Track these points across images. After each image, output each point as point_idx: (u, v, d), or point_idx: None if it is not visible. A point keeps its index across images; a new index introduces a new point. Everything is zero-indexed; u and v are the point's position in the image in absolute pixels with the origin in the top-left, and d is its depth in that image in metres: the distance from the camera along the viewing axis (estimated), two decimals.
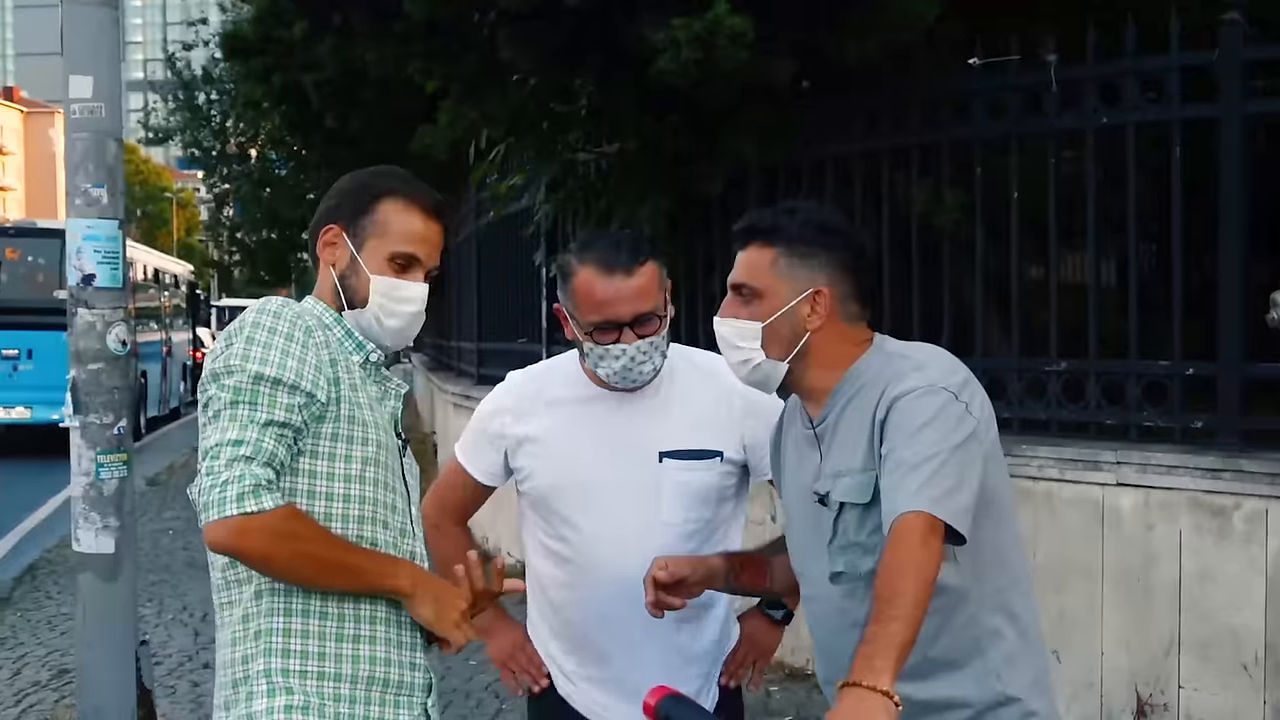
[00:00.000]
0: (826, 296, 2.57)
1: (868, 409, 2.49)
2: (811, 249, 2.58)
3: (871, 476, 2.45)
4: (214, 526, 2.37)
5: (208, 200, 37.15)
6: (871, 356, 2.60)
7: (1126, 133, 5.96)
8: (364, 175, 2.74)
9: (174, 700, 6.97)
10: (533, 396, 3.15)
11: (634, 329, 2.95)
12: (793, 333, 2.58)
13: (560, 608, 3.15)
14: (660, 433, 3.06)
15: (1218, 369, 5.67)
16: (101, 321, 5.36)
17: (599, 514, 3.05)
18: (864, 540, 2.49)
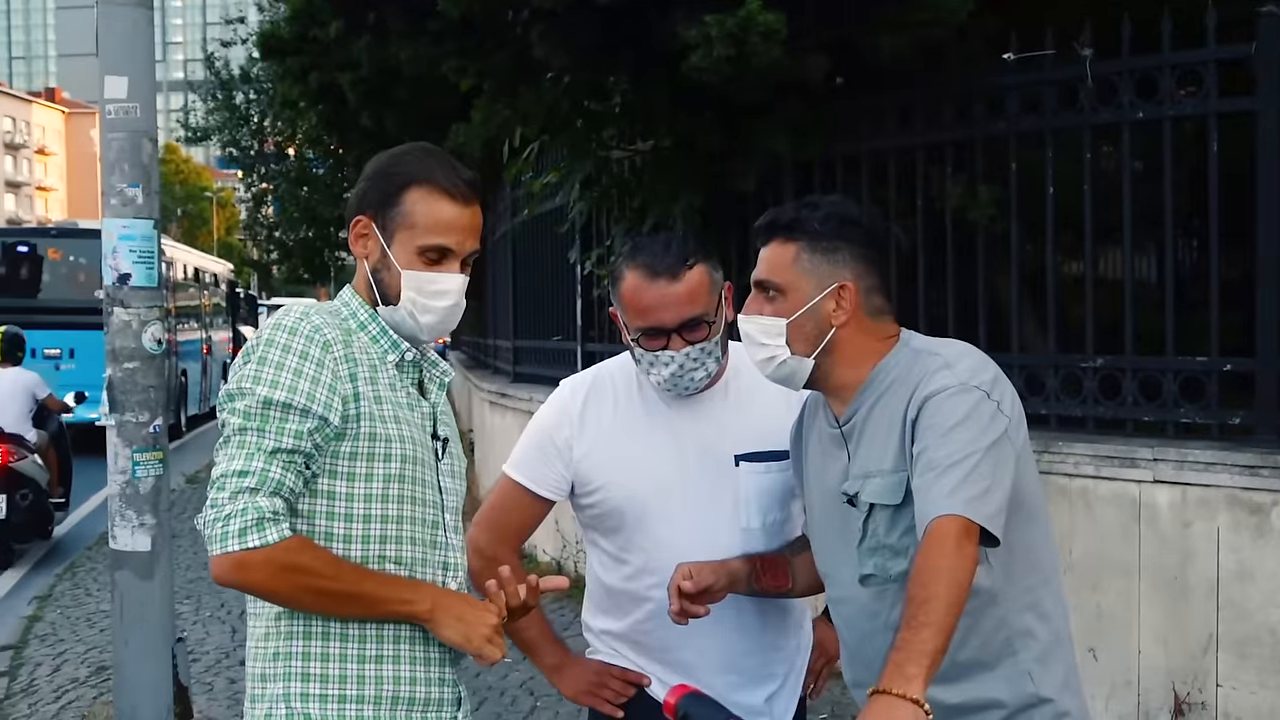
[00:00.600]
0: (851, 291, 2.54)
1: (897, 408, 2.46)
2: (834, 243, 2.56)
3: (903, 478, 2.43)
4: (217, 560, 2.34)
5: (246, 199, 37.32)
6: (899, 353, 2.56)
7: (1163, 127, 5.92)
8: (389, 159, 2.61)
9: (211, 697, 7.01)
10: (596, 404, 3.04)
11: (682, 335, 2.88)
12: (817, 329, 2.55)
13: (640, 622, 3.02)
14: (733, 435, 2.98)
15: (1256, 365, 5.62)
16: (137, 320, 5.40)
17: (678, 523, 2.94)
18: (895, 542, 2.46)
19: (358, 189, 2.62)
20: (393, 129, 13.14)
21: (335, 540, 2.44)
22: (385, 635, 2.48)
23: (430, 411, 2.62)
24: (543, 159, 9.75)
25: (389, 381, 2.54)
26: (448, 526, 2.60)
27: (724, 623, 2.93)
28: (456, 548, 2.63)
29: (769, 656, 3.04)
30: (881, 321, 2.60)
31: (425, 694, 2.52)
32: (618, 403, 3.03)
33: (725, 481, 2.95)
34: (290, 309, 2.54)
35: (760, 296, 2.61)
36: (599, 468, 2.98)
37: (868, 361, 2.57)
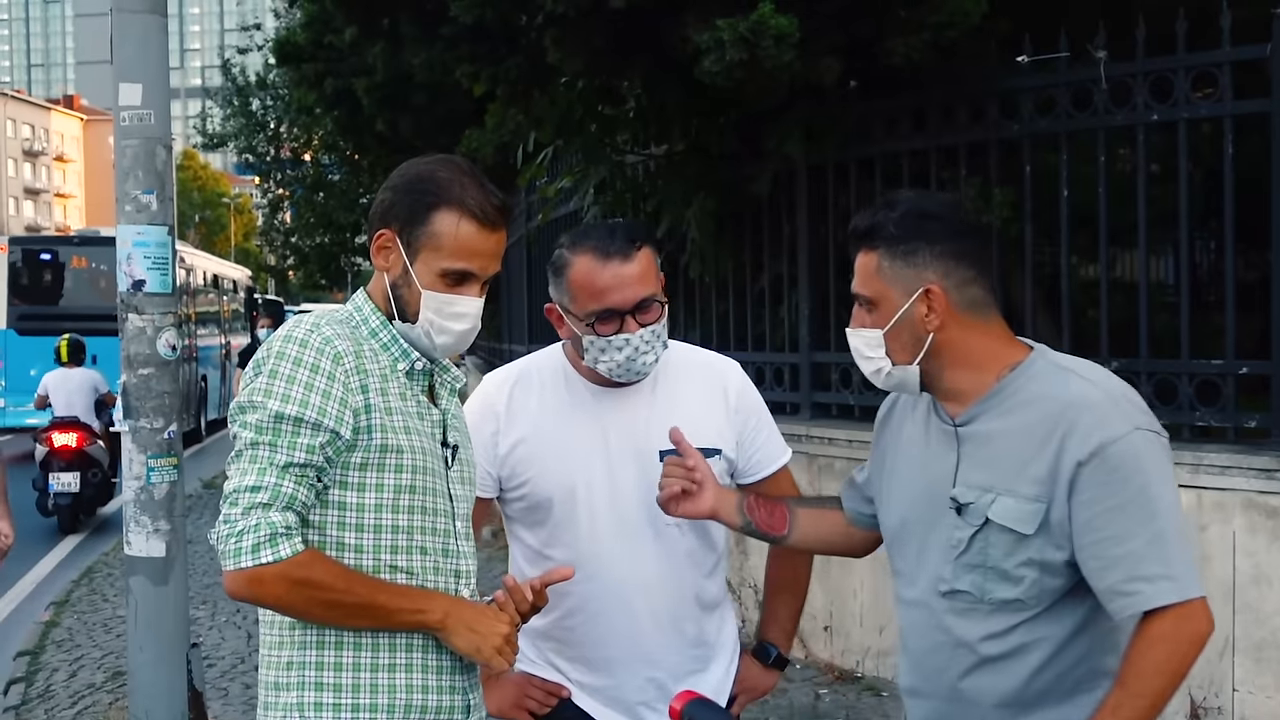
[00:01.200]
0: (938, 293, 2.43)
1: (1049, 436, 2.34)
2: (913, 244, 2.45)
3: (1041, 509, 2.34)
4: (231, 576, 2.35)
5: (263, 205, 37.42)
6: (1035, 366, 2.45)
7: (1178, 128, 5.89)
8: (421, 175, 2.55)
9: (226, 702, 7.02)
10: (521, 397, 3.03)
11: (635, 317, 2.86)
12: (914, 337, 2.46)
13: (562, 617, 2.99)
14: (658, 430, 2.93)
15: (1272, 367, 5.59)
16: (151, 327, 5.41)
17: (601, 516, 2.94)
18: (1010, 569, 2.38)
19: (384, 198, 2.57)
20: (407, 134, 13.17)
21: (346, 550, 2.44)
22: (398, 644, 2.48)
23: (440, 419, 2.61)
24: (557, 164, 9.76)
25: (399, 390, 2.53)
26: (459, 534, 2.60)
27: (644, 620, 2.93)
28: (468, 555, 2.62)
29: (690, 653, 3.02)
30: (987, 316, 2.48)
31: (437, 702, 2.52)
32: (544, 395, 3.01)
33: (650, 476, 2.90)
34: (301, 320, 2.52)
35: (859, 309, 2.54)
36: (526, 460, 2.96)
37: (990, 366, 2.46)
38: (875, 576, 6.77)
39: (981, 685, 2.43)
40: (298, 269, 37.20)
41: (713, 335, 8.43)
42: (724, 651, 3.14)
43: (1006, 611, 2.39)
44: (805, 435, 7.31)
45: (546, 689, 3.03)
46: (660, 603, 2.96)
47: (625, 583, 2.92)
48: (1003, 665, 2.40)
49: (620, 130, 8.66)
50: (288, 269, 38.76)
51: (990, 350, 2.47)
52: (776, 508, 2.91)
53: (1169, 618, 2.25)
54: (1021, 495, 2.35)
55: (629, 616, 2.93)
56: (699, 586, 3.03)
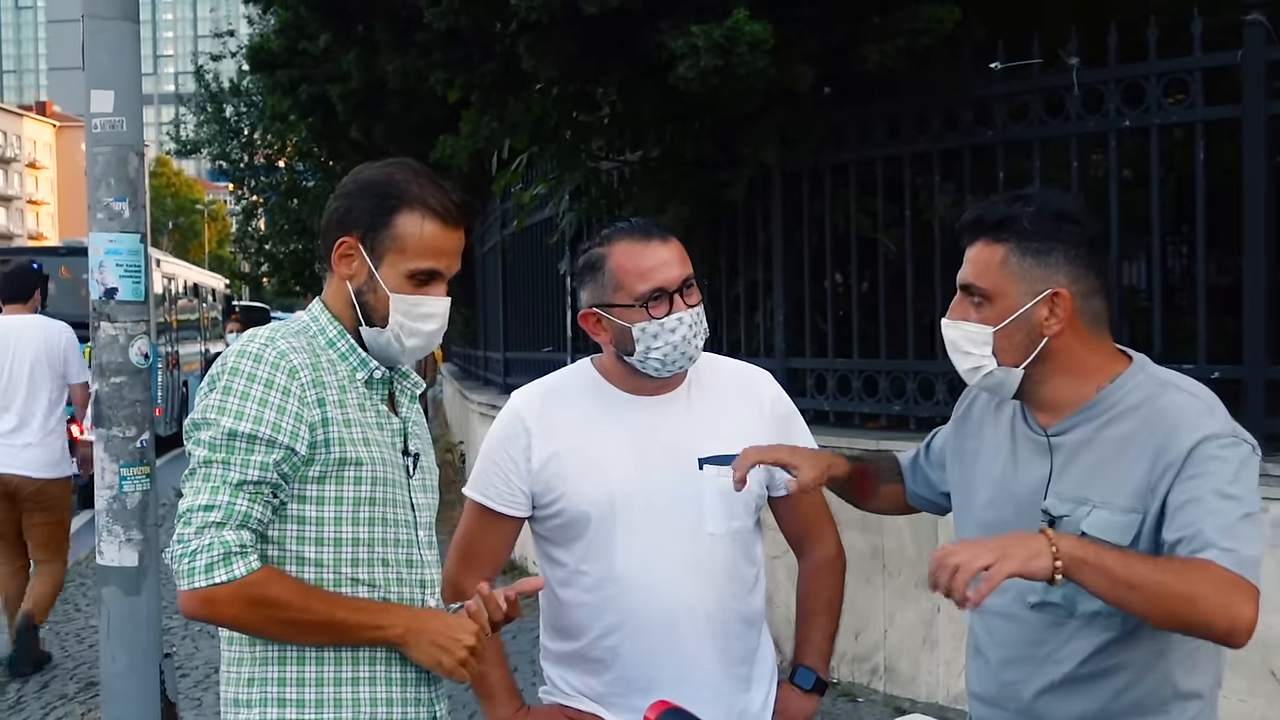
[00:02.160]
0: (1066, 298, 2.34)
1: (1144, 441, 2.28)
2: (1048, 243, 2.35)
3: (1136, 520, 2.28)
4: (185, 596, 2.33)
5: (237, 212, 37.29)
6: (1136, 376, 2.39)
7: (1150, 135, 5.93)
8: (378, 179, 2.53)
9: (200, 713, 6.98)
10: (551, 412, 2.95)
11: (683, 297, 2.83)
12: (1028, 338, 2.36)
13: (600, 637, 2.90)
14: (696, 437, 2.88)
15: (1244, 371, 5.62)
16: (124, 335, 5.37)
17: (641, 529, 2.85)
18: None
19: (340, 205, 2.54)
20: (382, 140, 13.12)
21: (307, 564, 2.42)
22: (360, 657, 2.45)
23: (401, 427, 2.59)
24: (531, 170, 9.75)
25: (358, 401, 2.50)
26: (422, 543, 2.58)
27: (687, 636, 2.86)
28: (432, 564, 2.60)
29: (734, 671, 2.95)
30: (1100, 331, 2.40)
31: (402, 714, 2.50)
32: (577, 407, 2.95)
33: (689, 484, 2.85)
34: (256, 333, 2.48)
35: (965, 301, 2.42)
36: (560, 475, 2.89)
37: (1091, 376, 2.39)
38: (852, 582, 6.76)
39: (1059, 703, 2.38)
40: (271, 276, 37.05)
41: None
42: (765, 670, 3.06)
43: (1094, 628, 2.33)
44: None
45: (581, 719, 2.95)
46: (703, 618, 2.88)
47: (667, 597, 2.84)
48: (1086, 685, 2.34)
49: (595, 137, 8.66)
50: (261, 276, 38.60)
51: (1096, 362, 2.40)
52: (870, 477, 2.91)
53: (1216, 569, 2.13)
54: (1117, 507, 2.29)
55: (671, 632, 2.85)
56: (741, 601, 2.96)
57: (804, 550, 3.14)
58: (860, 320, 7.33)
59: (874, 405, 7.11)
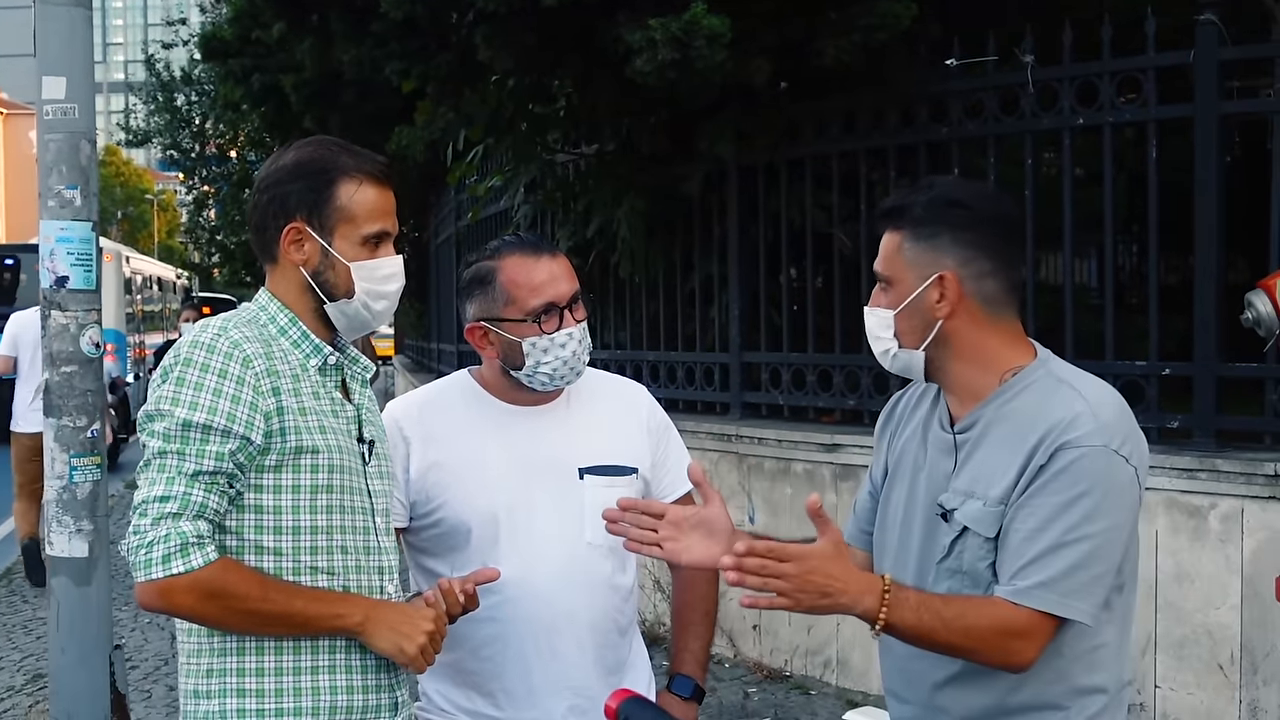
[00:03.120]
0: (952, 280, 2.36)
1: (1023, 442, 2.30)
2: (935, 228, 2.39)
3: (1001, 511, 2.32)
4: (142, 587, 2.31)
5: (188, 202, 37.01)
6: (1034, 373, 2.40)
7: (1103, 133, 5.97)
8: (304, 160, 2.54)
9: (149, 705, 6.93)
10: (430, 421, 2.93)
11: (572, 312, 2.85)
12: (924, 321, 2.40)
13: (478, 647, 2.87)
14: (576, 447, 2.89)
15: (1194, 369, 5.67)
16: (75, 324, 5.31)
17: (522, 539, 2.84)
18: (980, 572, 2.35)
19: (273, 196, 2.53)
20: (336, 131, 13.03)
21: (265, 553, 2.41)
22: (320, 646, 2.45)
23: (355, 414, 2.59)
24: (487, 162, 9.73)
25: (312, 389, 2.50)
26: (379, 530, 2.58)
27: (568, 645, 2.86)
28: (390, 550, 2.61)
29: (610, 680, 2.91)
30: (1000, 313, 2.41)
31: (363, 702, 2.50)
32: (457, 417, 2.94)
33: (570, 495, 2.84)
34: (208, 324, 2.48)
35: (878, 288, 2.48)
36: (440, 484, 2.87)
37: (993, 364, 2.41)
38: None
39: (959, 696, 2.40)
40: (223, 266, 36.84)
41: (643, 335, 8.43)
42: (641, 678, 3.06)
43: None
44: (735, 435, 7.33)
45: None
46: (583, 628, 2.88)
47: (548, 608, 2.84)
48: (982, 679, 2.36)
49: (551, 129, 8.65)
50: (212, 266, 38.36)
51: (995, 349, 2.41)
52: None
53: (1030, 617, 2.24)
54: (991, 499, 2.33)
55: (552, 641, 2.84)
56: (618, 610, 2.96)
57: None
58: (815, 315, 7.36)
59: (828, 400, 7.14)
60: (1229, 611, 5.31)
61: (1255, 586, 5.20)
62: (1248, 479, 5.25)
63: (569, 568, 2.85)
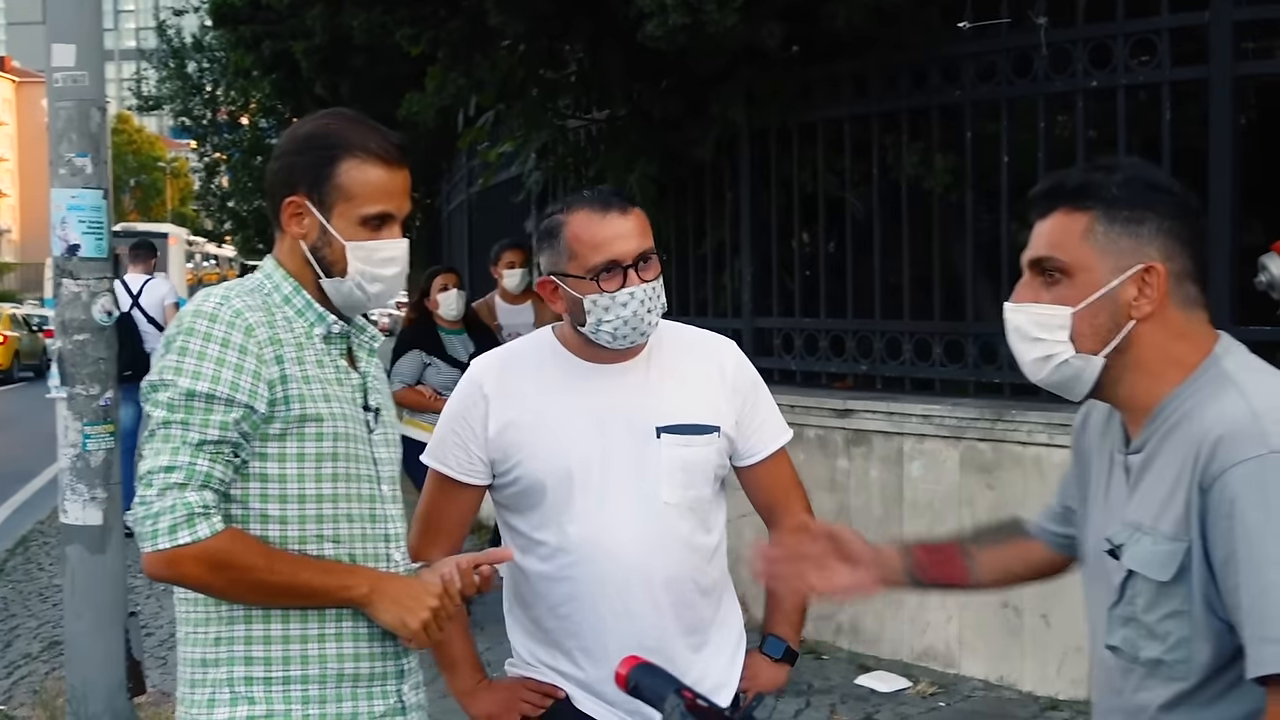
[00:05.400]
0: (1160, 274, 2.01)
1: (1187, 455, 1.96)
2: (1140, 213, 2.03)
3: (1180, 549, 1.96)
4: (149, 558, 2.31)
5: (199, 169, 36.99)
6: (1204, 374, 2.04)
7: (1117, 95, 5.93)
8: (314, 133, 2.53)
9: (165, 671, 6.96)
10: (509, 379, 2.92)
11: (638, 272, 2.79)
12: (1113, 321, 2.04)
13: (555, 605, 2.89)
14: (655, 407, 2.86)
15: None
16: (87, 292, 5.32)
17: (597, 495, 2.82)
18: (1153, 623, 2.01)
19: (281, 166, 2.54)
20: (346, 97, 13.03)
21: (271, 522, 2.41)
22: (327, 614, 2.45)
23: (360, 382, 2.58)
24: (498, 128, 9.70)
25: (316, 358, 2.49)
26: (385, 497, 2.57)
27: (643, 605, 2.85)
28: (396, 517, 2.60)
29: (689, 640, 2.92)
30: (1194, 318, 2.07)
31: (370, 669, 2.50)
32: (534, 375, 2.92)
33: (647, 454, 2.83)
34: (211, 293, 2.47)
35: (1035, 280, 2.10)
36: (517, 442, 2.86)
37: (1171, 374, 2.05)
38: None
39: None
40: (235, 233, 36.84)
41: None
42: (727, 638, 3.03)
43: (1158, 678, 2.03)
44: None
45: (542, 690, 2.92)
46: (659, 587, 2.86)
47: (622, 566, 2.81)
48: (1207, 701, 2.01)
49: (562, 95, 8.61)
50: (225, 234, 38.37)
51: (1180, 357, 2.05)
52: (946, 555, 2.49)
53: (1273, 696, 1.84)
54: (1161, 534, 1.99)
55: (626, 601, 2.83)
56: (698, 570, 2.93)
57: (774, 520, 3.10)
58: (827, 279, 7.34)
59: (840, 365, 7.13)
60: None
61: None
62: None
63: (644, 527, 2.83)
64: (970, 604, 6.20)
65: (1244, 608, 1.85)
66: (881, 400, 6.63)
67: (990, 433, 6.06)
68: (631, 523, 2.83)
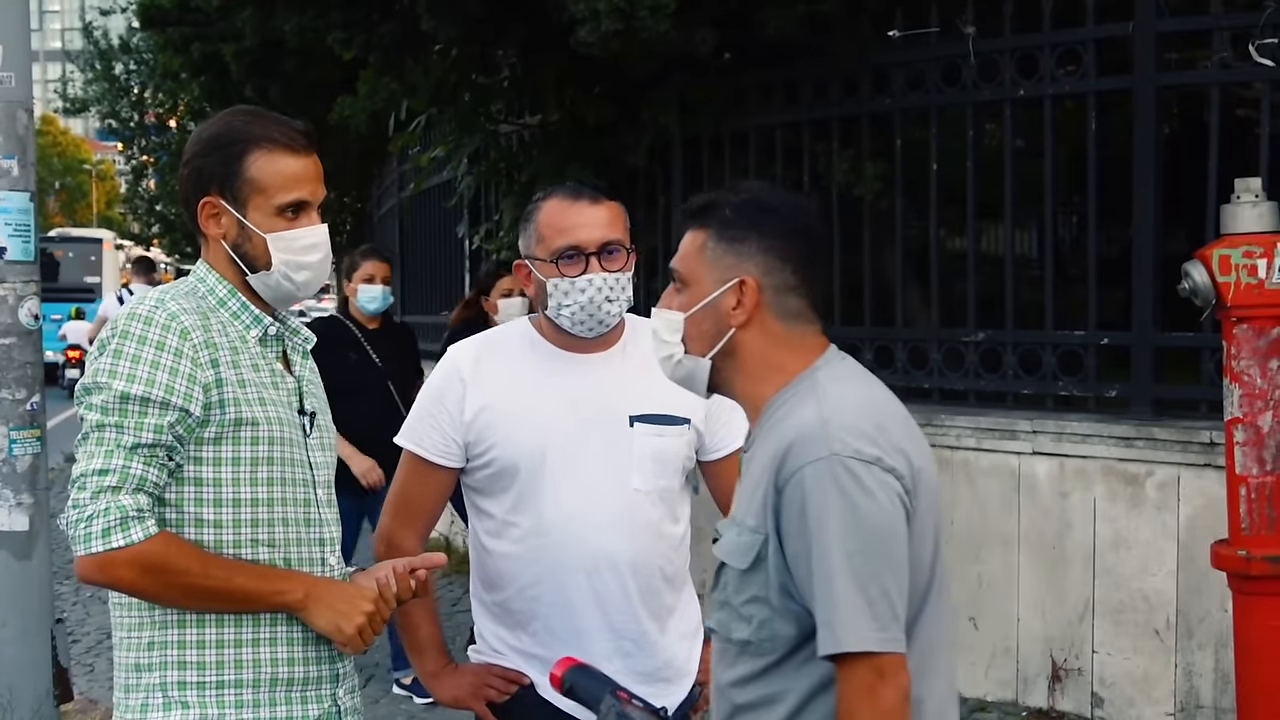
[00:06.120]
0: (752, 287, 2.23)
1: (772, 456, 2.16)
2: (744, 232, 2.26)
3: (758, 540, 2.16)
4: (82, 561, 2.31)
5: (126, 172, 36.55)
6: (800, 382, 2.24)
7: (1044, 104, 6.02)
8: (217, 133, 2.52)
9: (92, 678, 6.89)
10: (486, 365, 2.97)
11: (600, 261, 2.87)
12: (716, 328, 2.27)
13: (525, 587, 2.93)
14: (629, 396, 2.92)
15: (1132, 338, 5.75)
16: (14, 295, 5.26)
17: (568, 482, 2.88)
18: (739, 606, 2.20)
19: (189, 170, 2.52)
20: (277, 101, 12.91)
21: (206, 526, 2.41)
22: (261, 619, 2.45)
23: (295, 386, 2.59)
24: (430, 132, 9.68)
25: (251, 361, 2.49)
26: (320, 501, 2.57)
27: (611, 589, 2.90)
28: (331, 521, 2.60)
29: (653, 625, 2.98)
30: (800, 329, 2.28)
31: (304, 673, 2.50)
32: (511, 360, 2.98)
33: (619, 441, 2.89)
34: (145, 296, 2.47)
35: (671, 288, 2.36)
36: (492, 425, 2.91)
37: (773, 378, 2.27)
38: None
39: None
40: (163, 237, 36.44)
41: None
42: (689, 627, 3.08)
43: (748, 656, 2.21)
44: None
45: (507, 676, 2.97)
46: (626, 573, 2.91)
47: (591, 550, 2.87)
48: (750, 715, 2.22)
49: (495, 99, 8.61)
50: (152, 237, 37.94)
51: (784, 364, 2.27)
52: None
53: (841, 672, 2.07)
54: (745, 526, 2.19)
55: (595, 584, 2.89)
56: (664, 559, 2.98)
57: None
58: None
59: None
60: (1165, 578, 5.39)
61: (1191, 553, 5.28)
62: (1184, 447, 5.33)
63: (615, 513, 2.89)
64: None
65: (811, 595, 2.08)
66: None
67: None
68: (603, 508, 2.89)
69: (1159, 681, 5.41)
